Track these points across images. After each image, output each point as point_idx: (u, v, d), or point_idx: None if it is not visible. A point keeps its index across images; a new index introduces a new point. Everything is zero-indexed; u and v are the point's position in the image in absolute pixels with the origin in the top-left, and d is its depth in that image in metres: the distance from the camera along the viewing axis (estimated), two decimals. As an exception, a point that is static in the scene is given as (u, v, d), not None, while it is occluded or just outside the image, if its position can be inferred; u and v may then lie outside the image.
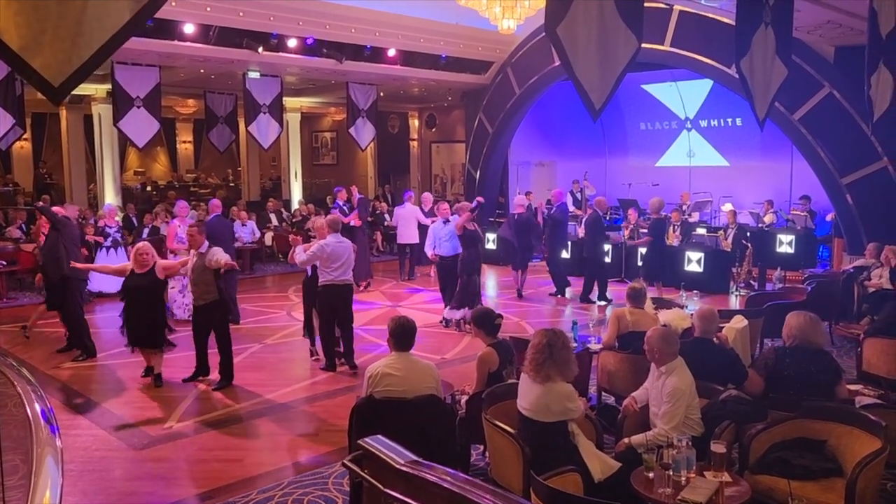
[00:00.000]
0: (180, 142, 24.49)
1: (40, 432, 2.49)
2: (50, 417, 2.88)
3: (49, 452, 2.42)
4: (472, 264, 9.20)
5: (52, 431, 2.66)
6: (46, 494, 2.20)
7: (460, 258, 9.27)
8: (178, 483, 4.88)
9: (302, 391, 6.90)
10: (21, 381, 3.24)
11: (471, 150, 17.89)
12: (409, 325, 4.43)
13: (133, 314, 6.87)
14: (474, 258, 9.26)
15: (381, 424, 4.14)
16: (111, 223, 11.74)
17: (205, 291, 6.77)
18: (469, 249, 9.21)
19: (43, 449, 2.42)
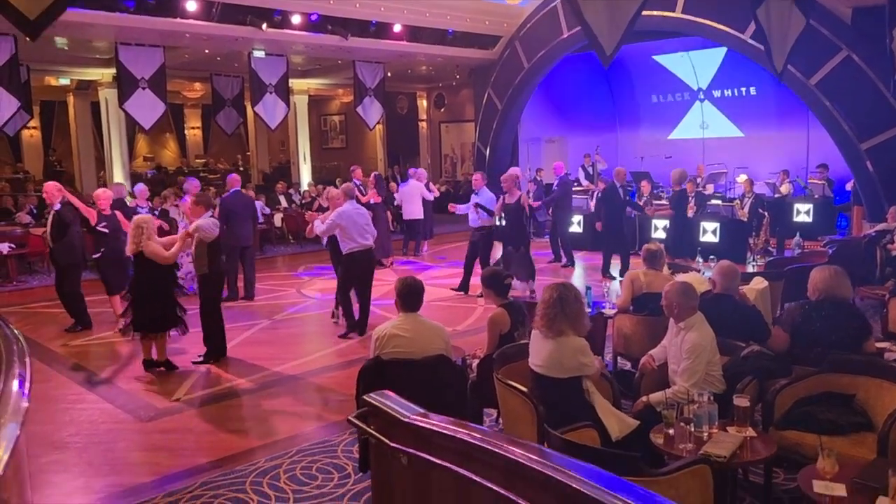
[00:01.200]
0: (189, 127, 24.42)
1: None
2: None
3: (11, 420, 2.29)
4: (513, 237, 8.93)
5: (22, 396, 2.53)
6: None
7: (502, 230, 9.06)
8: (184, 454, 4.78)
9: (311, 364, 6.79)
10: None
11: (480, 127, 17.66)
12: (415, 284, 4.28)
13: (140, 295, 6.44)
14: (518, 230, 8.95)
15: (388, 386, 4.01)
16: (142, 204, 11.58)
17: (200, 265, 6.69)
18: (514, 220, 8.90)
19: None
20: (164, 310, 6.40)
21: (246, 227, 9.56)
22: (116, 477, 4.44)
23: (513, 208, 8.81)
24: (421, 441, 2.73)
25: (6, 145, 20.48)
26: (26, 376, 2.64)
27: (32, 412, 5.28)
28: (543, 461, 2.19)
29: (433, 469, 2.67)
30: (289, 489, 4.18)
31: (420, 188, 13.15)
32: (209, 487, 4.21)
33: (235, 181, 9.92)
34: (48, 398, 5.92)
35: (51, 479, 4.42)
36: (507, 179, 8.96)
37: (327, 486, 4.23)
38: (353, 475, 4.32)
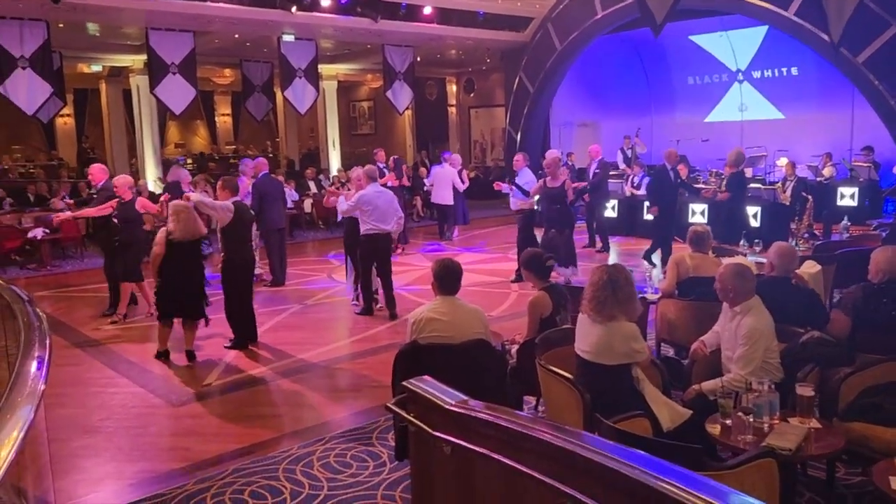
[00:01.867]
0: (219, 114, 24.49)
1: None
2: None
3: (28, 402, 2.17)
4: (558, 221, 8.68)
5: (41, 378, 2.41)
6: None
7: (547, 214, 8.85)
8: (215, 439, 4.68)
9: (343, 349, 6.68)
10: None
11: (511, 111, 17.36)
12: (454, 266, 4.09)
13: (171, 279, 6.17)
14: (561, 215, 8.68)
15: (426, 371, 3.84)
16: (185, 189, 11.52)
17: (222, 249, 6.58)
18: (559, 204, 8.64)
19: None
20: (193, 299, 6.23)
21: (278, 210, 9.51)
22: (147, 462, 4.34)
23: (557, 192, 8.57)
24: (465, 429, 2.55)
25: (41, 132, 20.70)
26: (45, 359, 2.52)
27: (63, 396, 5.26)
28: (608, 454, 1.99)
29: (478, 459, 2.50)
30: (322, 477, 4.05)
31: (453, 174, 12.96)
32: (241, 474, 4.09)
33: (264, 165, 9.82)
34: (79, 381, 5.87)
35: (80, 464, 4.34)
36: (550, 163, 8.70)
37: (362, 474, 4.08)
38: (388, 463, 4.17)
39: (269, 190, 9.30)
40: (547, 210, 8.86)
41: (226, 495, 3.86)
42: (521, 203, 9.13)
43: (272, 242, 9.42)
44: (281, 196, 9.90)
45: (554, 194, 8.66)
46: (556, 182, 8.64)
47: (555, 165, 8.73)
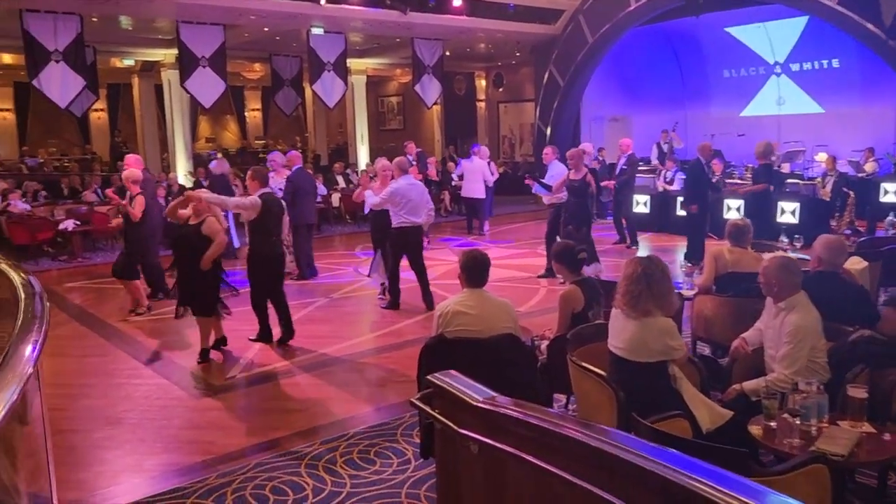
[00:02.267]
0: (249, 109, 24.64)
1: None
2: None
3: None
4: (575, 215, 8.48)
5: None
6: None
7: (566, 207, 8.63)
8: (238, 432, 4.60)
9: (369, 343, 6.58)
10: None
11: (541, 105, 17.14)
12: (481, 258, 3.95)
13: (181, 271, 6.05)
14: (579, 208, 8.49)
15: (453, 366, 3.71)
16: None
17: (249, 241, 6.49)
18: (578, 198, 8.44)
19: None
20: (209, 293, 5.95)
21: (309, 204, 9.48)
22: (169, 455, 4.28)
23: (577, 186, 8.37)
24: (493, 427, 2.41)
25: (76, 127, 21.02)
26: (39, 343, 2.43)
27: (88, 387, 5.22)
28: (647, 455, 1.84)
29: (507, 459, 2.36)
30: (345, 474, 3.94)
31: (483, 167, 12.81)
32: (263, 469, 4.00)
33: (297, 158, 9.76)
34: (104, 372, 5.85)
35: (103, 456, 4.29)
36: (573, 155, 8.52)
37: (386, 471, 3.96)
38: (413, 461, 4.05)
39: (302, 184, 9.26)
40: (567, 203, 8.68)
41: (247, 490, 3.77)
42: (551, 197, 8.96)
43: (301, 236, 9.36)
44: (313, 190, 9.93)
45: (575, 187, 8.48)
46: (578, 175, 8.46)
47: (578, 158, 8.53)
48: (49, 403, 5.24)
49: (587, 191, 8.50)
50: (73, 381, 5.67)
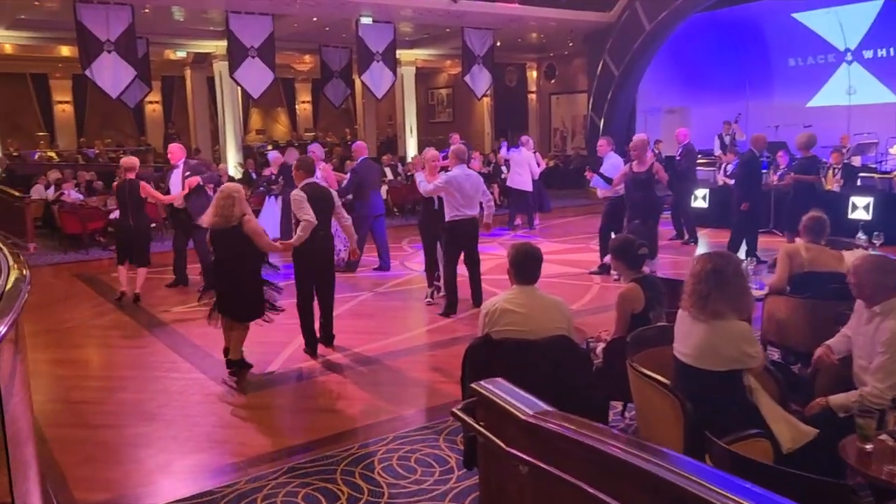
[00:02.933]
0: (299, 102, 24.71)
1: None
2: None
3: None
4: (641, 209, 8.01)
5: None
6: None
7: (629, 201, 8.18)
8: (272, 432, 4.39)
9: (414, 340, 6.32)
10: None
11: (594, 97, 16.65)
12: (532, 251, 3.62)
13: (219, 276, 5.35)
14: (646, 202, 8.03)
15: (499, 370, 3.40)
16: (275, 171, 11.45)
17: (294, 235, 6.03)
18: (643, 191, 7.99)
19: None
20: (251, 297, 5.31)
21: (378, 195, 9.33)
22: (200, 455, 4.09)
23: (642, 178, 7.93)
24: (545, 447, 2.10)
25: (131, 119, 21.41)
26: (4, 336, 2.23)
27: (125, 380, 5.06)
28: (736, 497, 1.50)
29: (561, 484, 2.04)
30: (383, 482, 3.67)
31: (530, 158, 12.43)
32: (296, 474, 3.76)
33: (363, 149, 9.55)
34: (142, 365, 5.73)
35: (134, 455, 4.12)
36: (636, 146, 8.06)
37: (427, 481, 3.68)
38: (456, 470, 3.76)
39: (368, 175, 9.08)
40: (631, 197, 8.23)
41: (278, 497, 3.54)
42: (607, 191, 8.55)
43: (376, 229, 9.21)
44: (378, 181, 9.73)
45: (640, 180, 8.03)
46: (643, 166, 8.01)
47: (642, 148, 8.09)
48: (86, 396, 5.16)
49: (654, 183, 8.05)
50: (111, 374, 5.58)
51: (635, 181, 8.06)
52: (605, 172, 8.55)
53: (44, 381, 5.47)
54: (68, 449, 4.16)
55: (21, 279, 2.74)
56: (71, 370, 5.76)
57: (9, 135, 18.07)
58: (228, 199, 5.16)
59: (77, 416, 4.70)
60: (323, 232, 5.71)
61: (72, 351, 6.30)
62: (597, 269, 8.74)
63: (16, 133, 19.01)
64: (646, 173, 7.96)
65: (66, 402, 4.97)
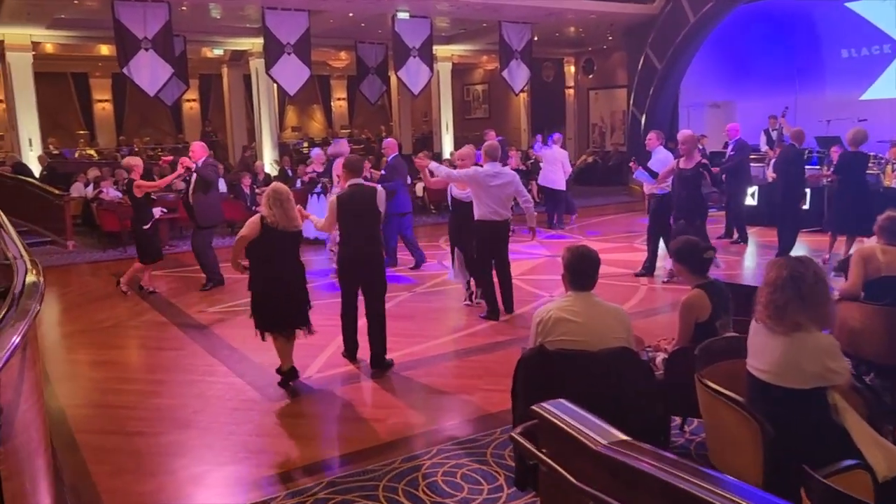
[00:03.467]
0: (335, 99, 24.68)
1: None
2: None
3: None
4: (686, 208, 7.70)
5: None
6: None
7: (675, 199, 7.86)
8: (311, 443, 4.20)
9: (455, 343, 6.07)
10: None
11: (635, 91, 16.20)
12: (590, 255, 3.37)
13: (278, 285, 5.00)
14: (691, 201, 7.69)
15: (556, 385, 3.15)
16: (318, 169, 11.39)
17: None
18: (689, 190, 7.65)
19: None
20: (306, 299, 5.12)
21: (405, 193, 9.25)
22: (236, 466, 3.91)
23: (689, 175, 7.59)
24: (623, 483, 1.85)
25: (169, 117, 21.56)
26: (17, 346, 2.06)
27: (161, 384, 4.91)
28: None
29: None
30: (428, 500, 3.45)
31: (564, 156, 12.13)
32: (336, 490, 3.55)
33: (394, 146, 9.39)
34: (179, 368, 5.60)
35: (168, 465, 3.96)
36: (686, 140, 7.71)
37: (475, 499, 3.45)
38: (506, 488, 3.53)
39: (399, 172, 8.93)
40: (677, 196, 7.90)
41: (318, 515, 3.34)
42: (652, 187, 8.23)
43: (404, 227, 9.13)
44: (407, 178, 9.67)
45: (686, 177, 7.69)
46: (690, 163, 7.66)
47: (691, 143, 7.74)
48: (121, 401, 5.03)
49: (700, 181, 7.70)
50: (147, 377, 5.45)
51: (681, 178, 7.73)
52: (652, 167, 8.21)
53: (80, 384, 5.39)
54: (101, 458, 4.03)
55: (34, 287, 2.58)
56: (107, 372, 5.65)
57: (50, 133, 18.31)
58: (284, 199, 4.88)
59: (111, 421, 4.57)
60: (362, 239, 5.29)
61: (108, 352, 6.21)
62: (641, 271, 8.41)
63: (57, 131, 19.26)
64: (692, 170, 7.61)
65: (100, 406, 4.85)
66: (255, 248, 4.92)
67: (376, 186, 5.63)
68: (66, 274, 9.75)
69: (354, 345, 5.60)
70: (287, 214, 4.88)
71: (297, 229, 5.01)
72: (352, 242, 5.30)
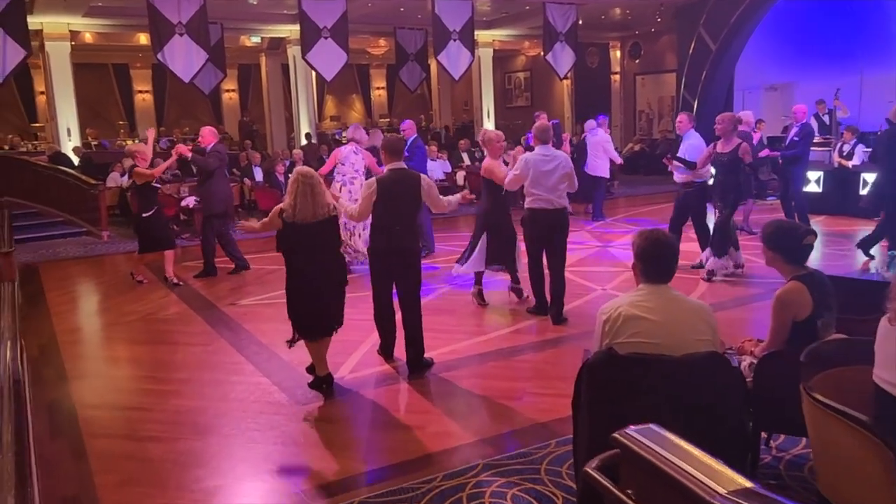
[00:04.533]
0: (374, 88, 24.39)
1: None
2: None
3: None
4: (725, 195, 7.12)
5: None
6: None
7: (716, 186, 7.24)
8: (341, 455, 3.73)
9: (500, 341, 5.52)
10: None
11: (687, 73, 15.45)
12: (667, 240, 2.82)
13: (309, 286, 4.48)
14: (727, 188, 7.12)
15: (627, 395, 2.64)
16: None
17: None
18: (725, 175, 7.08)
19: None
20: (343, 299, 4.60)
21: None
22: (259, 482, 3.47)
23: (726, 160, 6.93)
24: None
25: (209, 108, 21.47)
26: None
27: (184, 383, 4.45)
28: None
29: None
30: (474, 528, 2.96)
31: (605, 141, 11.49)
32: (368, 512, 3.10)
33: (412, 127, 8.90)
34: (204, 365, 5.21)
35: (181, 478, 3.53)
36: (723, 120, 7.02)
37: (528, 527, 2.95)
38: (564, 513, 3.02)
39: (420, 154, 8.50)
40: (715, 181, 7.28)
41: (347, 543, 2.88)
42: (687, 175, 7.49)
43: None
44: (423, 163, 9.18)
45: (723, 162, 7.03)
46: (728, 146, 6.96)
47: (728, 124, 7.00)
48: (138, 401, 4.62)
49: (739, 166, 7.03)
50: (167, 375, 5.06)
51: (717, 163, 7.07)
52: (686, 153, 7.50)
53: (98, 383, 5.04)
54: (109, 466, 3.64)
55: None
56: (127, 370, 5.31)
57: (89, 124, 18.34)
58: (315, 183, 4.36)
59: (125, 425, 4.18)
60: (399, 228, 4.80)
61: (131, 348, 5.87)
62: (698, 263, 7.74)
63: (97, 122, 19.30)
64: (729, 154, 6.93)
65: (115, 408, 4.47)
66: (281, 241, 4.47)
67: (420, 174, 5.11)
68: (98, 265, 9.52)
69: (393, 342, 5.12)
70: (316, 200, 4.37)
71: (327, 216, 4.43)
72: (388, 232, 4.80)
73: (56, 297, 7.56)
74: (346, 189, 8.06)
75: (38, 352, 5.62)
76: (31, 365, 5.23)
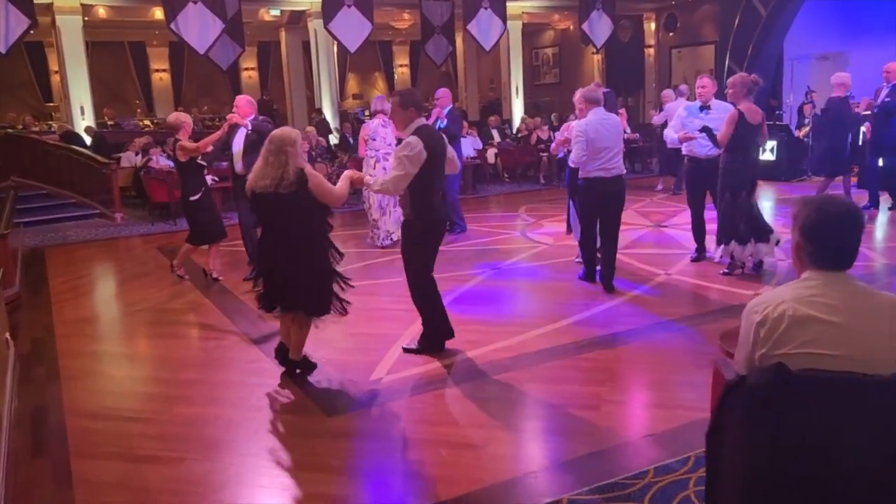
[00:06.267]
0: (397, 66, 23.67)
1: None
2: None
3: None
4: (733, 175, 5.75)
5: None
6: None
7: (722, 166, 5.84)
8: (374, 481, 2.99)
9: (560, 336, 4.68)
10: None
11: (733, 43, 14.47)
12: (847, 213, 2.01)
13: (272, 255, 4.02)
14: (734, 167, 5.72)
15: (805, 431, 1.85)
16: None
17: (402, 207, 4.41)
18: (732, 152, 5.70)
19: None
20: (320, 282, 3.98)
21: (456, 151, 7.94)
22: (276, 519, 2.75)
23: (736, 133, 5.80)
24: None
25: (228, 86, 20.83)
26: None
27: (194, 385, 3.37)
28: None
29: None
30: None
31: None
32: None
33: (448, 97, 8.11)
34: (219, 363, 4.49)
35: (182, 512, 2.83)
36: (733, 84, 5.67)
37: None
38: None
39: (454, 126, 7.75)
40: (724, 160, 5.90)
41: None
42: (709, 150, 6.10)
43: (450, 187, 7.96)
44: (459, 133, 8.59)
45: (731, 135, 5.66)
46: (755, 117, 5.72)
47: (739, 88, 5.61)
48: (138, 409, 3.76)
49: (753, 139, 5.73)
50: (175, 376, 4.34)
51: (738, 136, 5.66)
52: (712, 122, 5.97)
53: (94, 385, 4.32)
54: (97, 495, 2.94)
55: None
56: (129, 369, 4.62)
57: (106, 103, 17.75)
58: (279, 151, 3.80)
59: (120, 440, 3.46)
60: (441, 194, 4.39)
61: (136, 342, 5.20)
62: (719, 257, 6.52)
63: (114, 102, 18.77)
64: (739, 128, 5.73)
65: (110, 417, 3.74)
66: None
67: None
68: (109, 249, 8.88)
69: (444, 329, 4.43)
70: (281, 168, 3.78)
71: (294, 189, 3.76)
72: (436, 202, 4.27)
73: (59, 284, 6.90)
74: (381, 166, 7.40)
75: (30, 347, 4.95)
76: (21, 363, 4.56)
